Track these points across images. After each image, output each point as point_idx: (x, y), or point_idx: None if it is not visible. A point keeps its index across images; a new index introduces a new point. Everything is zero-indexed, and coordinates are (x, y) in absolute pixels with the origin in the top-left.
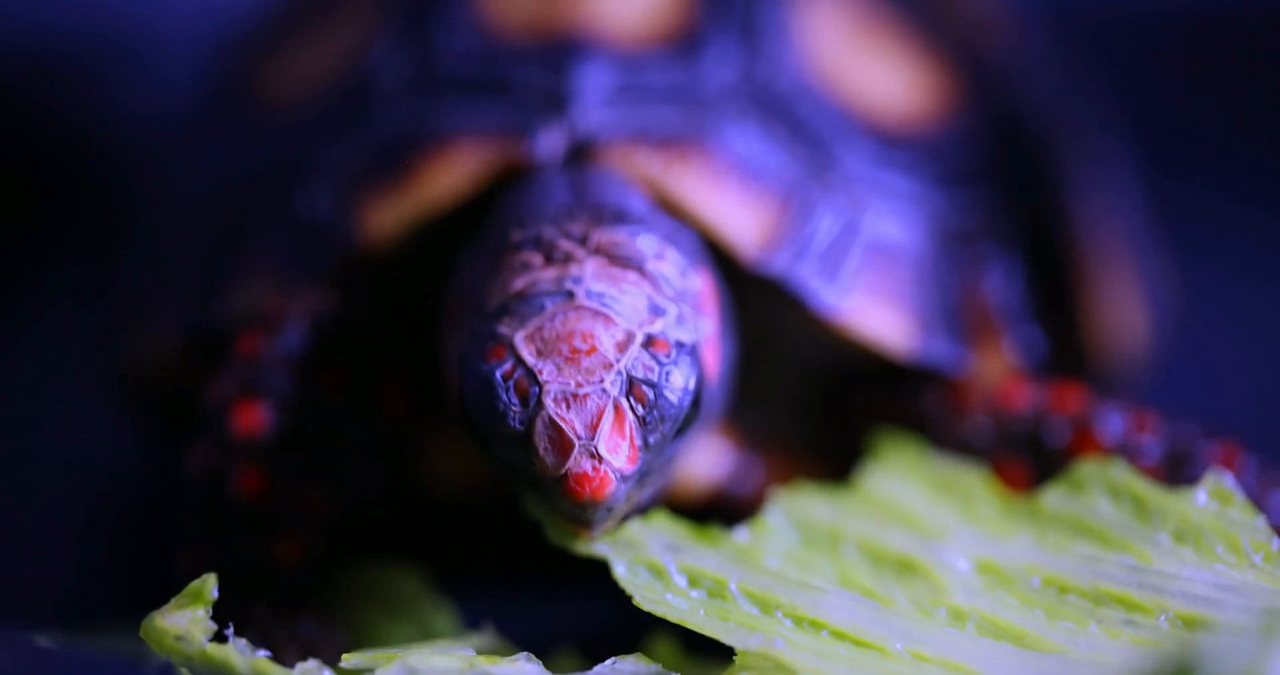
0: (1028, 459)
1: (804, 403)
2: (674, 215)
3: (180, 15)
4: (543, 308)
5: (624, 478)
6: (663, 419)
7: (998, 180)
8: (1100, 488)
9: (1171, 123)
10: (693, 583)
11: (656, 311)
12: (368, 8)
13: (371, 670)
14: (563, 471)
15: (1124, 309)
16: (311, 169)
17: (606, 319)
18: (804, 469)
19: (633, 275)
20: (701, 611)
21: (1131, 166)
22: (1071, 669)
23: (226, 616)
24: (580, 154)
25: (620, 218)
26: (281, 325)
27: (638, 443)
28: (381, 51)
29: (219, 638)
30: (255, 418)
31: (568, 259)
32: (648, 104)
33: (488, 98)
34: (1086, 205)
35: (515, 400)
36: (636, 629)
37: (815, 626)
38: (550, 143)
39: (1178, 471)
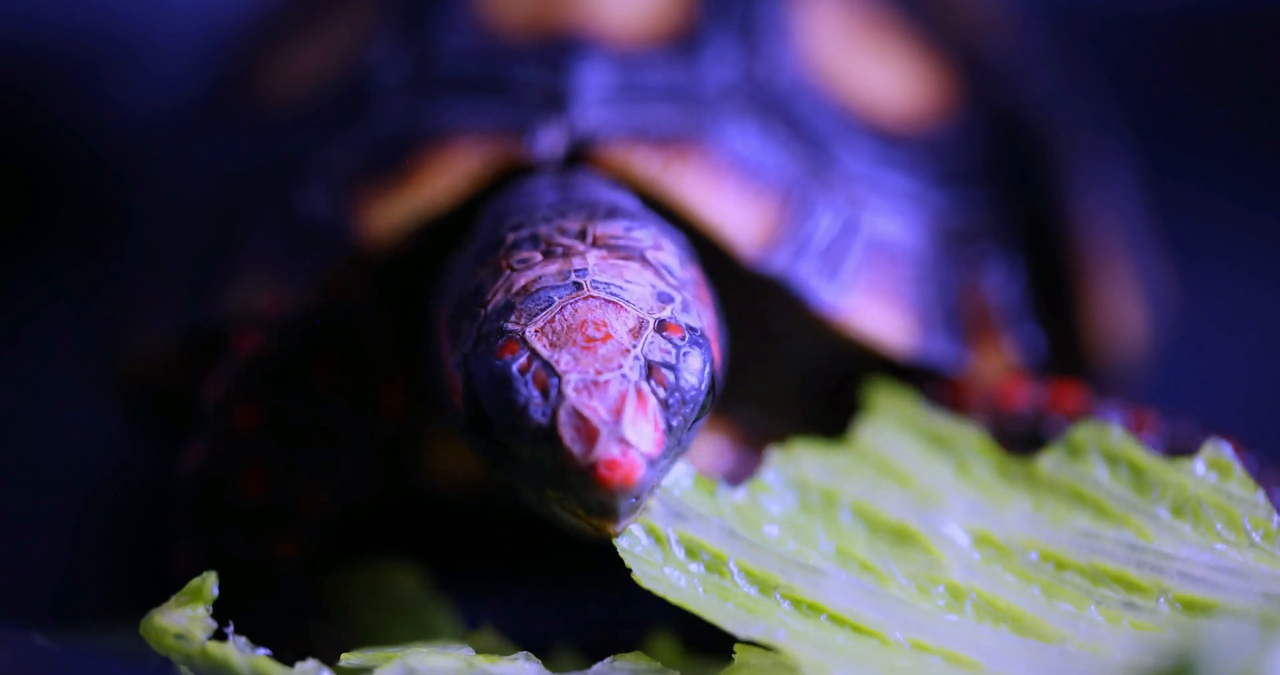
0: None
1: (803, 401)
2: (673, 214)
3: (179, 15)
4: (550, 301)
5: (651, 462)
6: (684, 401)
7: (997, 179)
8: (1097, 454)
9: (1170, 122)
10: (691, 555)
11: (664, 298)
12: (366, 6)
13: (371, 670)
14: (591, 459)
15: (1123, 307)
16: (309, 168)
17: (617, 306)
18: None
19: (635, 265)
20: (700, 590)
21: (1130, 165)
22: (1071, 662)
23: (226, 615)
24: (579, 152)
25: (614, 212)
26: (278, 324)
27: (661, 426)
28: (380, 50)
29: (219, 636)
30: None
31: (568, 253)
32: (647, 103)
33: (487, 96)
34: (1085, 204)
35: (536, 393)
36: (635, 628)
37: (814, 609)
38: (549, 141)
39: None
